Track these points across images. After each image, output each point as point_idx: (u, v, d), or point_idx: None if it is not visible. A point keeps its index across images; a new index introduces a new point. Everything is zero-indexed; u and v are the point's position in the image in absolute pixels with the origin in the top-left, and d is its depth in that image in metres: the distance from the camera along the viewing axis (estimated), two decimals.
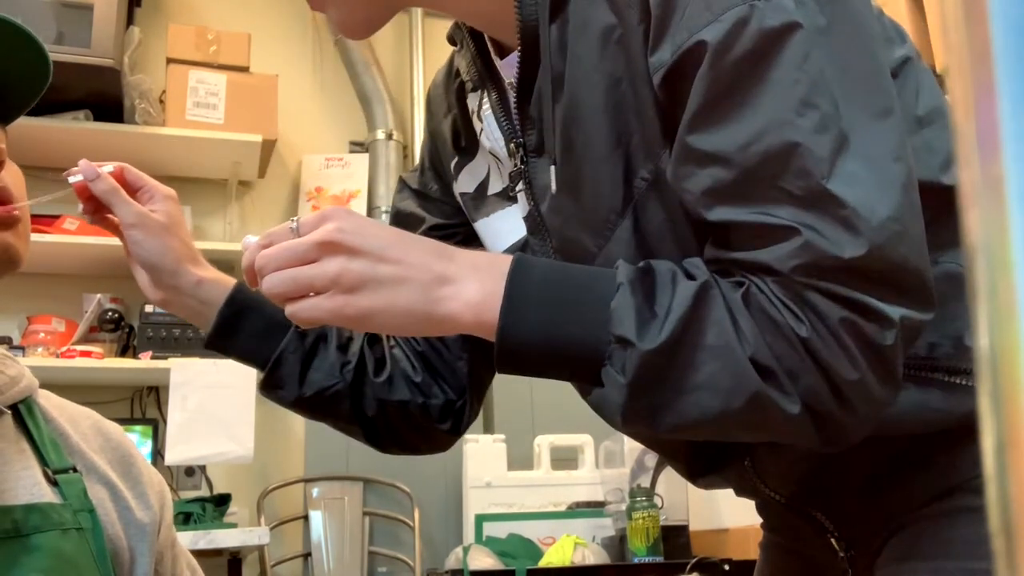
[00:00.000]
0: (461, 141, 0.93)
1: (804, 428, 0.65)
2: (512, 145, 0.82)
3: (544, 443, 2.98)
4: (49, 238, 2.89)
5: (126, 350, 3.06)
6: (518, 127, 0.81)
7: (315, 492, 3.11)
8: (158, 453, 2.97)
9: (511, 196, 0.86)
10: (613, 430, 0.78)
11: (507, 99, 0.83)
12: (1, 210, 0.85)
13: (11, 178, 0.87)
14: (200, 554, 2.10)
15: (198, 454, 2.82)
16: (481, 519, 2.82)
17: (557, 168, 0.77)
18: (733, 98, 0.64)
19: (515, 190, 0.84)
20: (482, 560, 2.53)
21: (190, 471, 3.04)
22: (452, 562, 2.63)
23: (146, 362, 2.93)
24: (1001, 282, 0.20)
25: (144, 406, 3.17)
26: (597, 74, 0.73)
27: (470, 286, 0.69)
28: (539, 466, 2.98)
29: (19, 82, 0.86)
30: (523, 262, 0.70)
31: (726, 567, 2.37)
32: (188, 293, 0.95)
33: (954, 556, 0.72)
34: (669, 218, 0.72)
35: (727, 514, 2.55)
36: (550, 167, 0.77)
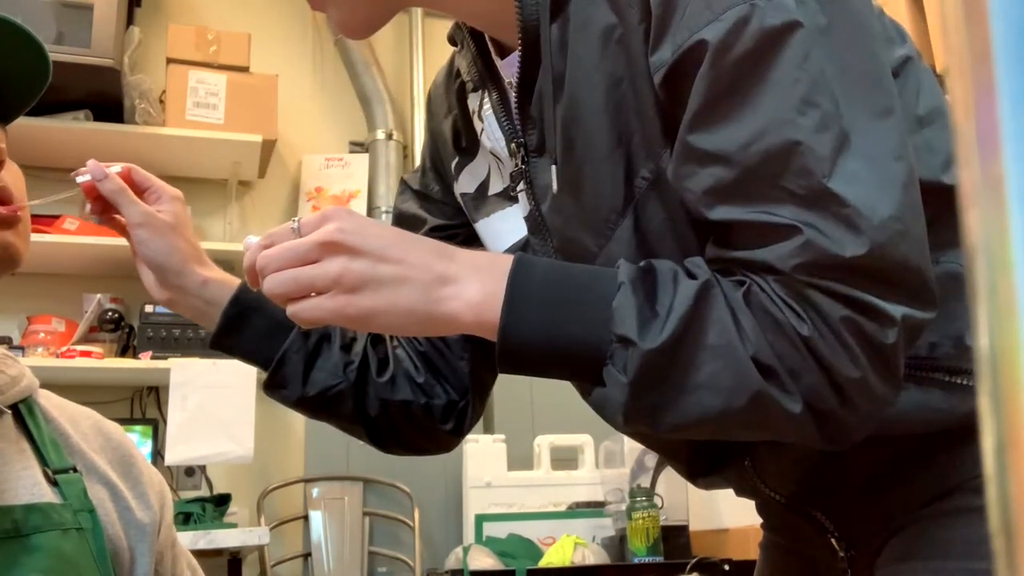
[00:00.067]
0: (462, 141, 0.93)
1: (806, 427, 0.65)
2: (513, 145, 0.82)
3: (544, 443, 2.98)
4: (49, 238, 2.89)
5: (126, 350, 3.06)
6: (519, 127, 0.81)
7: (315, 492, 3.11)
8: (158, 453, 2.97)
9: (512, 196, 0.86)
10: (613, 430, 0.78)
11: (508, 99, 0.83)
12: (6, 209, 0.85)
13: (11, 178, 0.87)
14: (200, 554, 2.10)
15: (198, 454, 2.82)
16: (481, 519, 2.81)
17: (558, 168, 0.77)
18: (734, 97, 0.64)
19: (516, 190, 0.84)
20: (482, 560, 2.53)
21: (190, 471, 3.04)
22: (452, 562, 2.63)
23: (146, 362, 2.93)
24: (1001, 282, 0.20)
25: (144, 406, 3.17)
26: (598, 74, 0.73)
27: (471, 286, 0.69)
28: (539, 466, 2.97)
29: (19, 82, 0.86)
30: (524, 262, 0.70)
31: (726, 567, 2.37)
32: (193, 293, 0.95)
33: (954, 556, 0.72)
34: (670, 217, 0.72)
35: (727, 514, 2.55)
36: (551, 167, 0.77)
